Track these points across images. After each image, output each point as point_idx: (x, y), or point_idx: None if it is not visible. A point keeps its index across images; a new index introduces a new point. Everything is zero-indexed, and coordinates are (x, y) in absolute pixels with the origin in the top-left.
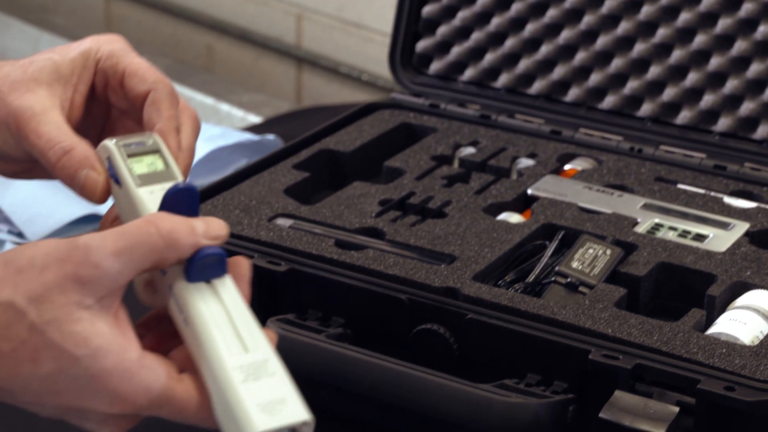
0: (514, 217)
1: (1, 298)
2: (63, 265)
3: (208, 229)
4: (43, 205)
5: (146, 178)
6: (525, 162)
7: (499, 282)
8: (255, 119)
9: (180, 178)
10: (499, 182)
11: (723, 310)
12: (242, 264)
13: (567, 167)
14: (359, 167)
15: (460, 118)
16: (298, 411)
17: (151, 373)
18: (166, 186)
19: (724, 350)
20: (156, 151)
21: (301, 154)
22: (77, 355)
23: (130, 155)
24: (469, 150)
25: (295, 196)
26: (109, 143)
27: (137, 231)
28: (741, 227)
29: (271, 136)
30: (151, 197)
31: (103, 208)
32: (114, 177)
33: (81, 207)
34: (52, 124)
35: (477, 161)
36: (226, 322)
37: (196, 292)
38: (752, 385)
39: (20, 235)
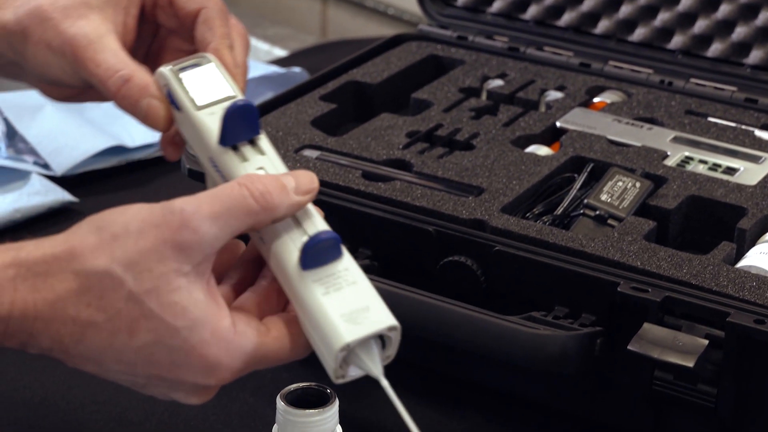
0: (542, 150)
1: (97, 267)
2: (160, 231)
3: (298, 184)
4: (68, 136)
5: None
6: (553, 94)
7: (527, 214)
8: (280, 53)
9: (239, 95)
10: (527, 115)
11: (753, 243)
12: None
13: (596, 100)
14: (386, 99)
15: (488, 51)
16: (384, 317)
17: (244, 337)
18: (225, 105)
19: (754, 283)
20: None
21: (328, 85)
22: (176, 326)
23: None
24: (497, 82)
25: (322, 128)
26: (165, 70)
27: (231, 194)
28: None
29: (297, 69)
30: (211, 118)
31: (128, 140)
32: (173, 103)
33: (105, 139)
34: (108, 51)
35: (505, 93)
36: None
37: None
38: None
39: (46, 166)
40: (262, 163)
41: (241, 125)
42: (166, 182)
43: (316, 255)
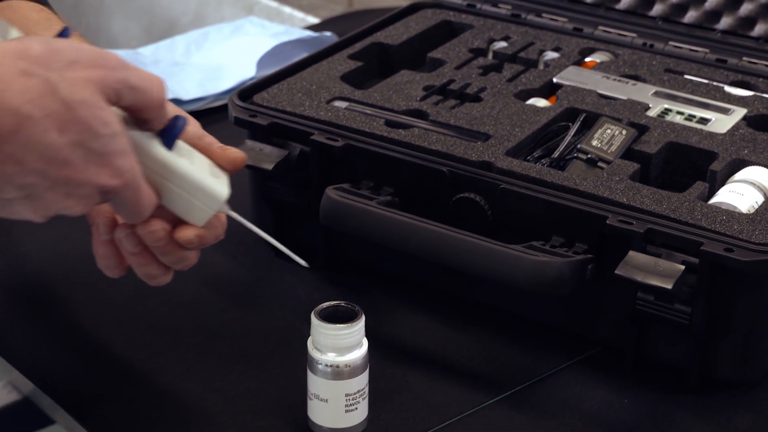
0: (541, 102)
1: (38, 73)
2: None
3: None
4: None
5: None
6: (551, 55)
7: (528, 157)
8: (313, 20)
9: None
10: (528, 72)
11: (723, 183)
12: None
13: (587, 59)
14: (406, 58)
15: (493, 17)
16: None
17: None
18: None
19: (724, 217)
20: None
21: (355, 46)
22: (100, 133)
23: None
24: (502, 44)
25: (349, 82)
26: None
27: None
28: (739, 112)
29: (327, 33)
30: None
31: (183, 94)
32: None
33: None
34: None
35: (509, 53)
36: None
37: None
38: (748, 247)
39: None
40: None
41: None
42: (215, 130)
43: (172, 137)
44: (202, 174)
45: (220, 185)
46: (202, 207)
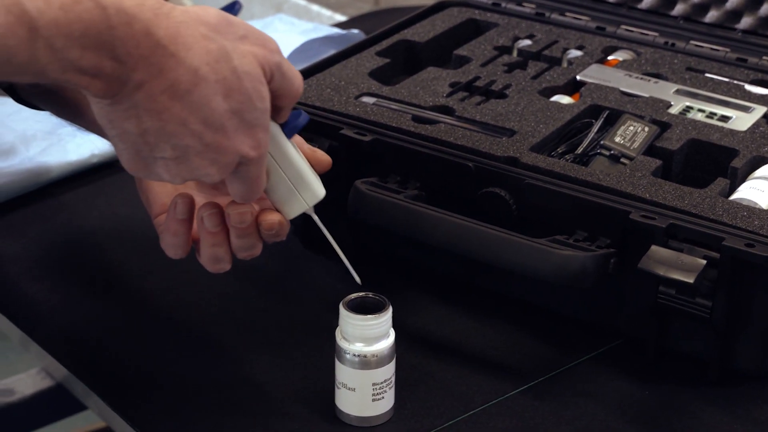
0: (565, 99)
1: (216, 39)
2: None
3: None
4: None
5: None
6: (574, 53)
7: (552, 153)
8: (341, 18)
9: None
10: (552, 69)
11: (744, 179)
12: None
13: (610, 58)
14: (432, 55)
15: (518, 15)
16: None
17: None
18: None
19: (745, 213)
20: None
21: (382, 43)
22: (256, 106)
23: None
24: (526, 42)
25: (377, 78)
26: None
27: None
28: (760, 110)
29: (355, 31)
30: None
31: None
32: None
33: None
34: None
35: (533, 51)
36: None
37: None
38: None
39: None
40: None
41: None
42: None
43: (294, 129)
44: (308, 169)
45: (318, 183)
46: (301, 200)
